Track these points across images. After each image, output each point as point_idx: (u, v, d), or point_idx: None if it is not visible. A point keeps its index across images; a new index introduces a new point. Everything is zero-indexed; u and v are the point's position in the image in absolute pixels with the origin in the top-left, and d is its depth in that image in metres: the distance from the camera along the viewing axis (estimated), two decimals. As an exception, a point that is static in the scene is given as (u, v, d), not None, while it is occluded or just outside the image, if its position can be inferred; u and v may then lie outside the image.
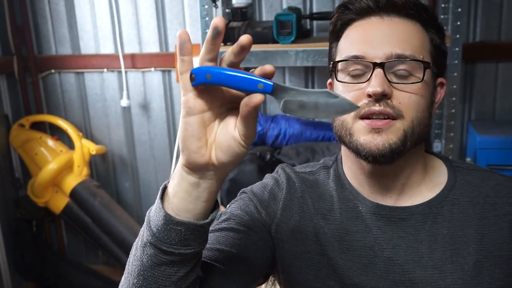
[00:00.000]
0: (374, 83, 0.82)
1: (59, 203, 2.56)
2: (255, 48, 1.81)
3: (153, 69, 2.55)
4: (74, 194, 2.52)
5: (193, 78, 0.64)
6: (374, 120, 0.82)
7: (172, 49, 2.52)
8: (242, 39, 0.62)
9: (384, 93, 0.81)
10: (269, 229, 0.91)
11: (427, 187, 0.91)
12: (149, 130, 2.65)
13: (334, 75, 0.89)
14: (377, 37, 0.85)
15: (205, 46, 0.64)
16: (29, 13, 2.61)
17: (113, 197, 2.71)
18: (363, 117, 0.83)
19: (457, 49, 1.77)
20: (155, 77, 2.57)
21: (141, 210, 2.76)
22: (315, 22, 2.27)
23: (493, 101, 2.25)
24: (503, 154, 1.99)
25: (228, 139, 0.66)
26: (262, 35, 1.94)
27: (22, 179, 2.75)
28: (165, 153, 2.67)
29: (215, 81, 0.63)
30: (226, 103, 0.67)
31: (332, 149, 2.07)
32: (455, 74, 1.79)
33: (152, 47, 2.53)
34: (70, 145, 2.65)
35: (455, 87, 1.80)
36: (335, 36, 0.92)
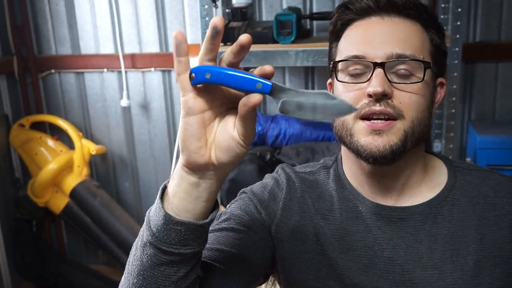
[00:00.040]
0: (374, 83, 0.81)
1: (59, 203, 2.56)
2: (255, 48, 1.82)
3: (153, 69, 2.55)
4: (74, 194, 2.51)
5: (193, 77, 0.64)
6: (374, 121, 0.82)
7: (172, 49, 2.51)
8: (241, 38, 0.62)
9: (384, 93, 0.81)
10: (269, 229, 0.91)
11: (427, 187, 0.91)
12: (149, 130, 2.65)
13: (334, 75, 0.89)
14: (378, 37, 0.85)
15: (204, 45, 0.64)
16: (29, 13, 2.61)
17: (113, 197, 2.71)
18: (363, 118, 0.83)
19: (457, 49, 1.77)
20: (155, 77, 2.57)
21: (141, 210, 2.76)
22: (315, 22, 2.27)
23: (493, 101, 2.25)
24: (503, 154, 1.99)
25: (227, 139, 0.66)
26: (262, 35, 1.94)
27: (22, 179, 2.74)
28: (165, 153, 2.67)
29: (214, 80, 0.63)
30: (225, 103, 0.67)
31: (332, 149, 2.07)
32: (455, 74, 1.79)
33: (152, 47, 2.53)
34: (70, 145, 2.65)
35: (455, 87, 1.80)
36: (335, 36, 0.92)
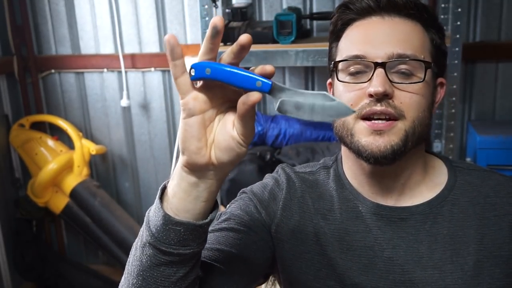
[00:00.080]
0: (375, 83, 0.81)
1: (59, 203, 2.56)
2: (255, 48, 1.82)
3: (153, 69, 2.55)
4: (74, 194, 2.51)
5: (192, 72, 0.64)
6: (375, 122, 0.82)
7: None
8: (241, 38, 0.62)
9: (385, 92, 0.81)
10: (269, 229, 0.91)
11: (427, 187, 0.91)
12: (149, 130, 2.65)
13: (334, 75, 0.89)
14: (378, 36, 0.85)
15: (204, 45, 0.64)
16: (29, 13, 2.60)
17: (113, 197, 2.71)
18: (364, 118, 0.83)
19: (457, 49, 1.76)
20: (155, 77, 2.57)
21: (141, 210, 2.76)
22: (315, 22, 2.27)
23: (493, 101, 2.25)
24: (503, 154, 1.99)
25: (227, 139, 0.66)
26: (262, 35, 1.94)
27: (22, 179, 2.74)
28: (165, 153, 2.66)
29: (214, 77, 0.63)
30: (225, 102, 0.67)
31: (332, 149, 2.07)
32: (455, 74, 1.79)
33: (152, 47, 2.53)
34: (70, 145, 2.65)
35: (455, 87, 1.80)
36: (335, 36, 0.92)
